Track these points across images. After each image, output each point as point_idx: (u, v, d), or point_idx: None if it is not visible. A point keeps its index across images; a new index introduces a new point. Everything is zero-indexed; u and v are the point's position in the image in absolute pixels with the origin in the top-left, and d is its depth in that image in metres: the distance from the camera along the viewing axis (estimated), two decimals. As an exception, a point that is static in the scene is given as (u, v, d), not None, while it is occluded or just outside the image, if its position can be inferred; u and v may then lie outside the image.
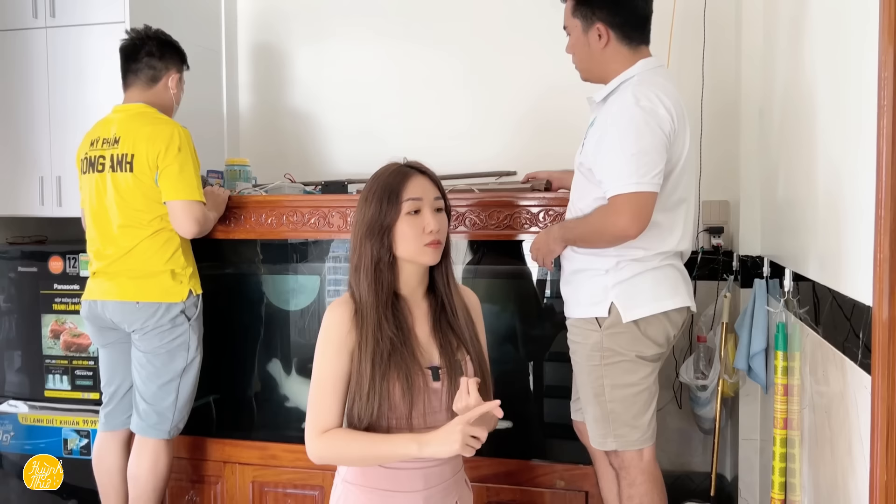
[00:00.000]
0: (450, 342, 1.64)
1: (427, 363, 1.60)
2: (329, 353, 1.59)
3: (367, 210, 1.60)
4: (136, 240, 2.34)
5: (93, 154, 2.40)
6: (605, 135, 1.88)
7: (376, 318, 1.57)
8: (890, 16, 1.17)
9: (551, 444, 2.51)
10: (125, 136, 2.34)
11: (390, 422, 1.56)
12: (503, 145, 3.06)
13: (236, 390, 2.78)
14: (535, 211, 2.35)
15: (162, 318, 2.35)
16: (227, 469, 2.65)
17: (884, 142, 1.20)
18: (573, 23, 2.01)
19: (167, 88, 2.45)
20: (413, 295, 1.66)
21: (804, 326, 1.82)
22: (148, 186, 2.32)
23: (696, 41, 2.76)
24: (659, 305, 1.94)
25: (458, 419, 1.46)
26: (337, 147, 3.32)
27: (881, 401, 1.20)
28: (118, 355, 2.47)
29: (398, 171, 1.63)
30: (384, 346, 1.55)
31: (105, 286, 2.38)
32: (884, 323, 1.20)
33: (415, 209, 1.59)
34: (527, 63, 3.04)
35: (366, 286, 1.60)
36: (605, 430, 1.98)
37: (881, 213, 1.21)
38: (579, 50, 2.02)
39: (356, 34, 3.24)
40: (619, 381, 1.95)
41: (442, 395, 1.60)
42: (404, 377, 1.54)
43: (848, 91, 1.49)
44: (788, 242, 2.07)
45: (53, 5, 2.85)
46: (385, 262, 1.59)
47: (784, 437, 1.98)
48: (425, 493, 1.60)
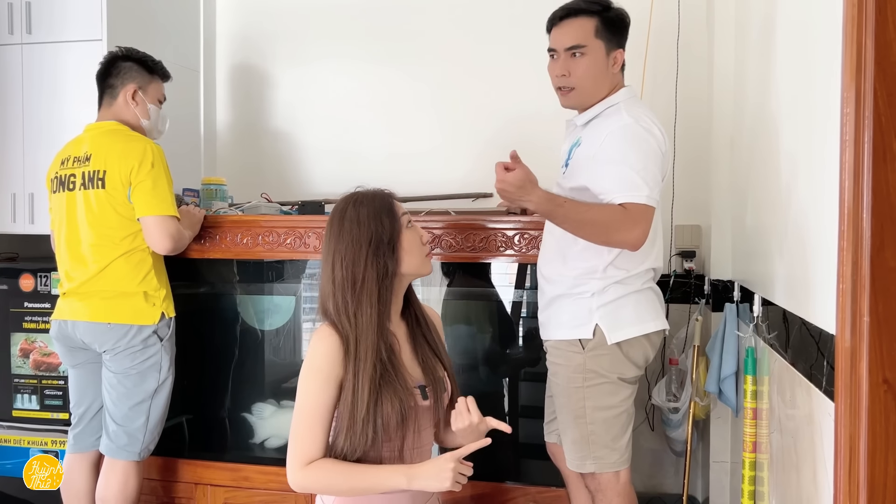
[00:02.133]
0: (429, 359, 1.67)
1: (414, 382, 1.62)
2: (315, 384, 1.56)
3: (364, 231, 1.59)
4: (108, 259, 2.31)
5: (63, 173, 2.37)
6: (607, 149, 1.87)
7: (374, 341, 1.55)
8: (851, 55, 1.21)
9: (525, 465, 2.52)
10: (96, 153, 2.32)
11: (383, 446, 1.56)
12: (476, 165, 3.07)
13: (209, 411, 2.75)
14: (511, 234, 2.37)
15: (133, 339, 2.33)
16: (199, 491, 2.62)
17: (846, 175, 1.23)
18: (595, 44, 1.95)
19: (127, 103, 2.41)
20: (394, 315, 1.67)
21: (772, 351, 1.85)
22: (120, 203, 2.30)
23: (669, 69, 2.82)
24: (642, 328, 1.96)
25: (448, 455, 1.47)
26: (313, 167, 3.32)
27: (844, 428, 1.23)
28: (88, 376, 2.43)
29: (375, 193, 1.67)
30: (375, 371, 1.54)
31: (76, 306, 2.35)
32: (846, 351, 1.23)
33: (408, 222, 1.65)
34: (498, 84, 3.08)
35: (367, 308, 1.57)
36: (584, 453, 1.98)
37: (843, 244, 1.24)
38: (595, 71, 1.96)
39: (332, 55, 3.26)
40: (601, 403, 1.95)
41: (430, 413, 1.64)
42: (398, 399, 1.54)
43: (814, 124, 1.53)
44: (757, 268, 2.11)
45: (30, 22, 2.84)
46: (386, 283, 1.59)
47: (753, 461, 2.01)
48: None
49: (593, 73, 1.96)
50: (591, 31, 1.95)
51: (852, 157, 1.21)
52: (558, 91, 2.01)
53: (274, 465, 2.58)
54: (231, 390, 2.74)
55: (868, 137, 1.19)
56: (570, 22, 1.97)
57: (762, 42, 2.09)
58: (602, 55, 1.96)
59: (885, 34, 1.18)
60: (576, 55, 1.95)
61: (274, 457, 2.65)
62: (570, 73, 1.96)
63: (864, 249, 1.20)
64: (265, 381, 2.82)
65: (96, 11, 2.77)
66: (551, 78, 2.02)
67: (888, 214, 1.18)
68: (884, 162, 1.18)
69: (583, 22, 1.96)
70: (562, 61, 1.97)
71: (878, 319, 1.19)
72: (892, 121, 1.18)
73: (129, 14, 2.87)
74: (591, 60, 1.96)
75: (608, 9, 1.98)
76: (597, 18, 1.95)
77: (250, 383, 2.78)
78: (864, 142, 1.19)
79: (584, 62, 1.96)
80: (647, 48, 2.76)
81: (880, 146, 1.18)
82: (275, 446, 2.67)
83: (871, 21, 1.18)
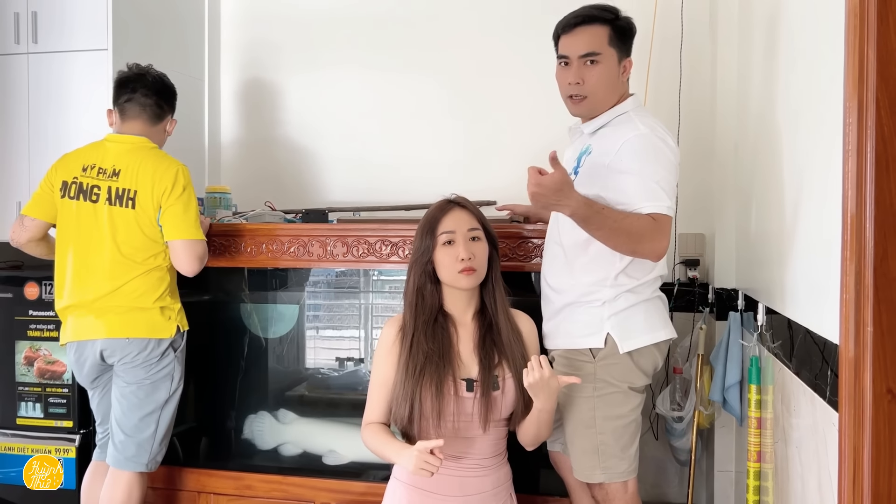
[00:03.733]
0: (491, 359, 1.82)
1: (465, 375, 1.81)
2: (378, 362, 1.88)
3: (416, 243, 1.87)
4: (129, 276, 2.30)
5: (86, 181, 2.33)
6: (625, 159, 1.85)
7: (412, 334, 1.81)
8: (853, 64, 1.21)
9: (527, 475, 2.51)
10: (126, 170, 2.30)
11: (420, 425, 1.77)
12: (491, 174, 3.08)
13: (212, 419, 2.75)
14: (517, 242, 2.37)
15: (152, 352, 2.33)
16: (203, 499, 2.62)
17: (849, 185, 1.23)
18: (609, 52, 1.94)
19: (164, 132, 2.46)
20: (462, 315, 1.88)
21: (776, 361, 1.85)
22: (148, 224, 2.30)
23: (673, 77, 2.82)
24: (653, 336, 1.95)
25: (419, 444, 1.64)
26: (318, 175, 3.33)
27: (847, 438, 1.22)
28: (109, 394, 2.43)
29: (439, 206, 1.88)
30: (418, 359, 1.78)
31: (91, 324, 2.32)
32: (850, 361, 1.23)
33: (449, 240, 1.82)
34: (507, 93, 3.08)
35: (408, 308, 1.86)
36: (593, 463, 1.95)
37: (846, 253, 1.24)
38: (608, 79, 1.95)
39: (337, 63, 3.27)
40: (611, 412, 1.93)
41: (474, 405, 1.79)
42: (435, 385, 1.76)
43: (817, 133, 1.53)
44: (762, 277, 2.11)
45: (36, 31, 2.86)
46: (427, 288, 1.84)
47: (758, 470, 2.00)
48: (461, 499, 1.80)
49: (606, 82, 1.95)
50: (605, 39, 1.94)
51: (855, 166, 1.21)
52: (569, 99, 1.99)
53: (276, 474, 2.58)
54: (235, 399, 2.74)
55: (871, 147, 1.19)
56: (585, 29, 1.95)
57: (765, 50, 2.10)
58: (615, 63, 1.95)
59: (888, 44, 1.18)
60: (589, 63, 1.94)
61: (277, 465, 2.65)
62: (584, 81, 1.94)
63: (868, 259, 1.19)
64: (269, 390, 2.82)
65: (102, 21, 2.78)
66: (561, 86, 2.00)
67: (891, 224, 1.18)
68: (886, 171, 1.18)
69: (597, 29, 1.94)
70: (575, 69, 1.95)
71: (882, 329, 1.19)
72: (894, 130, 1.18)
73: (134, 23, 2.89)
74: (604, 69, 1.94)
75: (618, 17, 1.97)
76: (609, 27, 1.94)
77: (254, 392, 2.78)
78: (866, 151, 1.19)
79: (598, 70, 1.94)
80: (650, 56, 2.76)
81: (883, 156, 1.18)
82: (277, 454, 2.67)
83: (874, 31, 1.18)
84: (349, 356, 2.85)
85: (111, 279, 2.30)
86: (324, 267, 2.59)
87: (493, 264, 1.88)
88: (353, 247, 2.48)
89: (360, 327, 2.86)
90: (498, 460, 1.88)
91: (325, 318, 2.82)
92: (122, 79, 2.42)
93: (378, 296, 2.84)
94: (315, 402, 2.82)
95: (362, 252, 2.48)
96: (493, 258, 1.88)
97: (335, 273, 2.74)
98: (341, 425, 2.71)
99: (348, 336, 2.87)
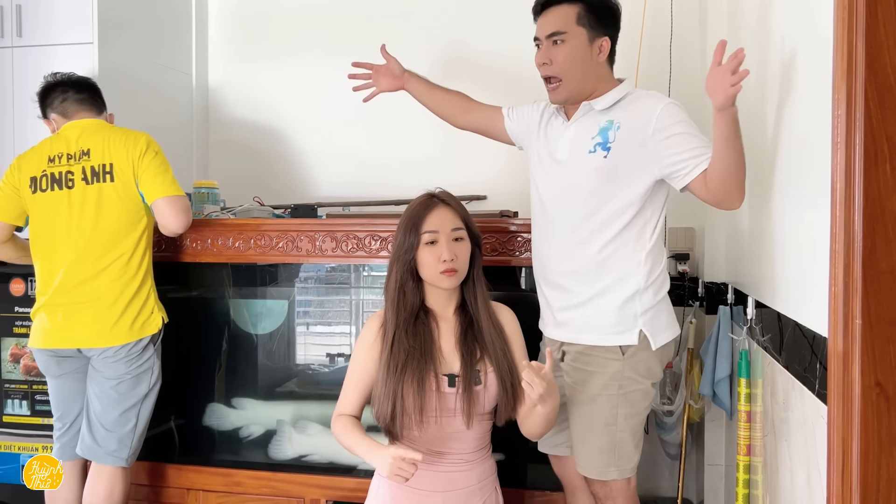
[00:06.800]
0: (473, 354, 1.80)
1: (447, 371, 1.80)
2: (357, 356, 1.87)
3: (398, 238, 1.83)
4: (108, 259, 2.28)
5: (56, 170, 2.32)
6: (669, 123, 1.83)
7: (394, 331, 1.79)
8: (842, 56, 1.21)
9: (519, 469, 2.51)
10: (96, 147, 2.32)
11: (403, 421, 1.76)
12: (471, 168, 3.07)
13: (200, 415, 2.74)
14: (506, 237, 2.36)
15: (134, 347, 2.32)
16: (191, 496, 2.60)
17: (837, 178, 1.23)
18: (576, 31, 1.91)
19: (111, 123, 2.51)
20: (444, 311, 1.86)
21: (766, 354, 1.85)
22: (129, 195, 2.31)
23: (662, 69, 2.81)
24: (674, 331, 1.97)
25: (394, 450, 1.63)
26: (306, 170, 3.31)
27: (836, 431, 1.22)
28: (74, 384, 2.39)
29: (423, 202, 1.84)
30: (399, 357, 1.76)
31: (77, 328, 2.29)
32: (839, 354, 1.23)
33: (432, 240, 1.78)
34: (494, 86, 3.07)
35: (390, 304, 1.83)
36: (608, 460, 1.92)
37: (835, 246, 1.24)
38: (578, 59, 1.92)
39: (326, 58, 3.25)
40: (632, 410, 1.92)
41: (456, 400, 1.77)
42: (417, 382, 1.74)
43: (806, 125, 1.52)
44: (751, 271, 2.11)
45: (21, 25, 2.83)
46: (409, 286, 1.81)
47: (747, 464, 2.00)
48: (446, 494, 1.79)
49: (575, 60, 1.92)
50: (573, 18, 1.91)
51: (844, 158, 1.21)
52: (547, 84, 1.97)
53: (265, 470, 2.57)
54: (223, 395, 2.73)
55: (859, 139, 1.18)
56: (552, 10, 1.94)
57: (755, 42, 2.09)
58: (584, 42, 1.92)
59: (876, 36, 1.17)
60: (556, 42, 1.92)
61: (266, 461, 2.63)
62: (552, 61, 1.92)
63: (856, 252, 1.19)
64: (258, 386, 2.81)
65: (87, 14, 2.75)
66: (538, 68, 1.98)
67: (879, 216, 1.18)
68: (875, 164, 1.18)
69: (564, 9, 1.92)
70: (544, 49, 1.94)
71: (871, 322, 1.19)
72: (882, 123, 1.18)
73: (119, 17, 2.86)
74: (571, 47, 1.91)
75: None
76: (579, 5, 1.92)
77: (243, 388, 2.76)
78: (855, 144, 1.19)
79: (565, 49, 1.91)
80: (640, 47, 2.75)
81: (871, 148, 1.18)
82: (267, 452, 2.65)
83: (862, 23, 1.18)
84: (339, 352, 2.83)
85: (92, 262, 2.28)
86: (313, 262, 2.57)
87: (474, 262, 1.86)
88: (342, 242, 2.47)
89: (350, 323, 2.85)
90: (482, 454, 1.86)
91: (315, 314, 2.81)
92: (46, 87, 2.45)
93: (368, 291, 2.83)
94: (305, 397, 2.81)
95: (351, 247, 2.47)
96: (475, 256, 1.86)
97: (325, 269, 2.72)
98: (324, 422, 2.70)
99: (338, 332, 2.86)
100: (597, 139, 1.92)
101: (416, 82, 2.40)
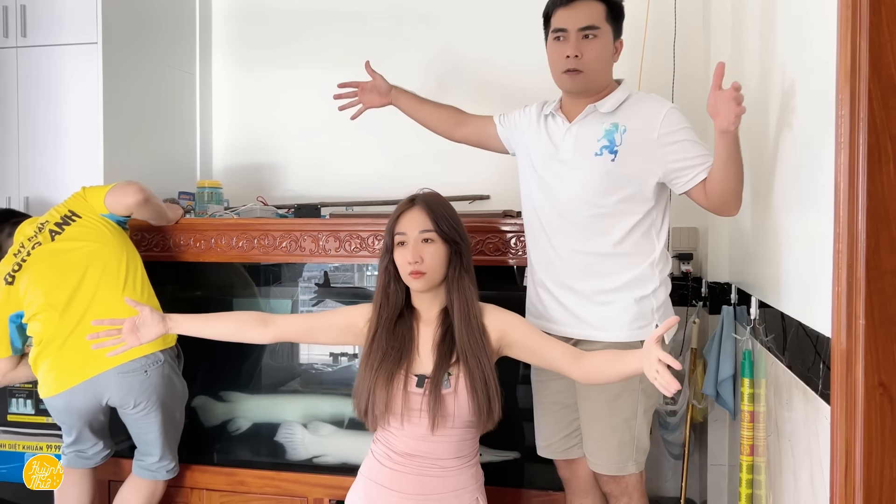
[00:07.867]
0: (447, 358, 1.76)
1: (420, 371, 1.77)
2: (336, 310, 1.95)
3: (384, 240, 1.84)
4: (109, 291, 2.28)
5: (33, 230, 2.37)
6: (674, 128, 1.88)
7: (375, 331, 1.80)
8: (846, 56, 1.20)
9: (520, 469, 2.51)
10: (51, 212, 2.39)
11: (374, 414, 1.76)
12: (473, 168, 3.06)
13: (204, 415, 2.74)
14: (508, 237, 2.36)
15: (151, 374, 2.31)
16: (195, 495, 2.61)
17: (841, 177, 1.22)
18: (606, 28, 1.93)
19: None
20: (427, 313, 1.83)
21: (769, 354, 1.85)
22: (94, 222, 2.34)
23: (666, 69, 2.81)
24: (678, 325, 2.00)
25: None
26: (311, 170, 3.31)
27: (839, 432, 1.22)
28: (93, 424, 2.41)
29: (401, 205, 1.83)
30: (377, 355, 1.77)
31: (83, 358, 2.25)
32: (842, 354, 1.22)
33: (401, 241, 1.77)
34: (494, 84, 3.07)
35: (374, 304, 1.83)
36: (627, 455, 1.97)
37: (839, 246, 1.23)
38: (605, 56, 1.95)
39: (331, 56, 3.25)
40: (648, 403, 1.98)
41: (421, 401, 1.74)
42: (386, 378, 1.74)
43: (810, 125, 1.52)
44: (755, 271, 2.10)
45: (25, 25, 2.83)
46: (391, 287, 1.81)
47: (751, 464, 2.00)
48: (418, 497, 1.76)
49: (603, 58, 1.94)
50: (603, 15, 1.93)
51: (847, 158, 1.21)
52: (565, 73, 1.94)
53: (270, 470, 2.58)
54: (227, 394, 2.73)
55: (863, 139, 1.18)
56: (583, 3, 1.93)
57: (759, 42, 2.09)
58: (611, 41, 1.96)
59: (880, 35, 1.17)
60: (589, 37, 1.91)
61: (270, 461, 2.64)
62: (583, 55, 1.91)
63: (860, 252, 1.19)
64: (262, 386, 2.81)
65: (91, 14, 2.76)
66: (555, 61, 1.96)
67: (883, 216, 1.18)
68: (878, 164, 1.18)
69: (594, 5, 1.93)
70: (574, 42, 1.91)
71: (874, 322, 1.18)
72: (886, 122, 1.17)
73: (124, 17, 2.86)
74: (602, 44, 1.93)
75: None
76: (604, 4, 1.94)
77: (246, 387, 2.77)
78: (859, 143, 1.19)
79: (597, 45, 1.92)
80: (643, 47, 2.75)
81: (875, 148, 1.18)
82: (271, 450, 2.66)
83: (866, 22, 1.18)
84: (343, 351, 2.84)
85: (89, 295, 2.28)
86: (316, 262, 2.58)
87: (452, 265, 1.78)
88: (345, 241, 2.47)
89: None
90: (460, 463, 1.79)
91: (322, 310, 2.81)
92: None
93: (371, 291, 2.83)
94: (308, 397, 2.81)
95: (355, 247, 2.47)
96: (454, 258, 1.78)
97: (329, 268, 2.72)
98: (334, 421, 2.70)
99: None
100: (603, 142, 1.93)
101: (404, 98, 2.38)
